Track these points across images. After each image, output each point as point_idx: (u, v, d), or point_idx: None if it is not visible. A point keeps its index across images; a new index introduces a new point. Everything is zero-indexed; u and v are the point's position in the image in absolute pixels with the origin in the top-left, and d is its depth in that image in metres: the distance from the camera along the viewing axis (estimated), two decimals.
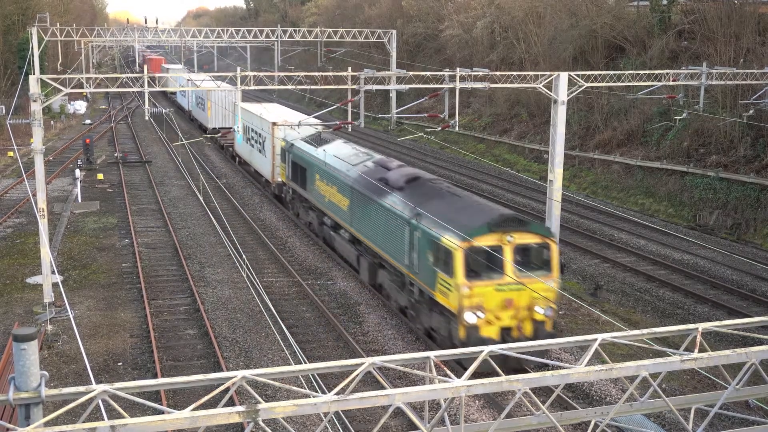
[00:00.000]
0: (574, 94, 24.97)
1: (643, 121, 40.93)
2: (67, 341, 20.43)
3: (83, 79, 23.18)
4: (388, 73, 26.74)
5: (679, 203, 35.68)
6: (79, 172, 40.35)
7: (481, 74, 25.68)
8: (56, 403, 6.47)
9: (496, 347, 7.47)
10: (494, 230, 17.76)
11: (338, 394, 6.59)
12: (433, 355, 7.28)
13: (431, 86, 25.97)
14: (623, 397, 7.57)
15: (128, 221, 33.53)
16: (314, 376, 16.90)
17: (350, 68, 27.97)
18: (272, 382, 6.79)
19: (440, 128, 27.95)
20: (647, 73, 27.99)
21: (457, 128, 27.00)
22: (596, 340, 7.59)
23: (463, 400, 7.27)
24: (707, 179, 34.50)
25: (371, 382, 15.56)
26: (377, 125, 65.89)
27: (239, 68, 37.51)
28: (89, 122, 68.85)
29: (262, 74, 26.12)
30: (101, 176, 43.28)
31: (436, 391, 6.81)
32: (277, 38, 71.15)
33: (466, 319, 17.50)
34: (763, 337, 8.29)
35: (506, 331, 17.86)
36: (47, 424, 6.14)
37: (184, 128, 55.54)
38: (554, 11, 52.17)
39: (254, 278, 22.10)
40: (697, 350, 7.55)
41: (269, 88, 27.24)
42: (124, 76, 26.68)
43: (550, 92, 24.55)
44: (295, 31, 71.06)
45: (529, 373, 8.50)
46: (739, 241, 31.44)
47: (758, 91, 30.47)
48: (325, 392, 7.62)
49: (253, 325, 21.78)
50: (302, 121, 30.58)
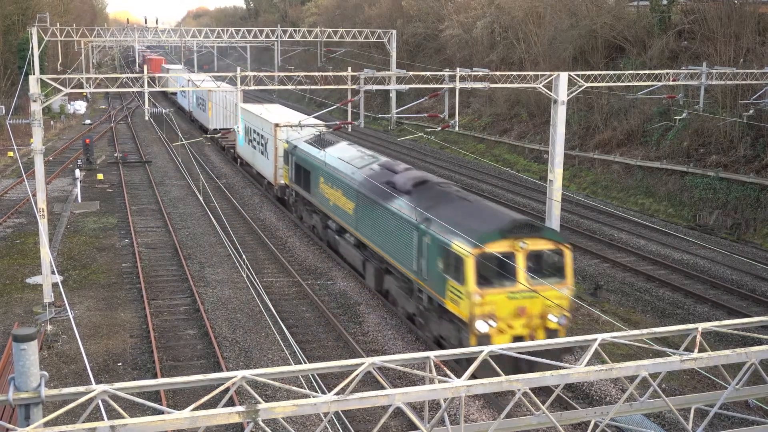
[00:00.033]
0: (574, 94, 24.98)
1: (643, 121, 40.94)
2: (66, 341, 20.43)
3: (83, 79, 23.18)
4: (388, 73, 26.74)
5: (679, 203, 35.68)
6: (78, 172, 40.34)
7: (481, 74, 25.69)
8: (56, 403, 6.47)
9: (496, 347, 7.47)
10: (506, 236, 17.28)
11: (338, 394, 6.59)
12: (433, 355, 7.28)
13: (431, 86, 25.98)
14: (623, 397, 7.57)
15: (128, 221, 33.53)
16: (314, 376, 16.90)
17: (350, 68, 27.97)
18: (272, 382, 6.79)
19: (440, 128, 27.96)
20: (647, 73, 27.99)
21: (457, 128, 27.00)
22: (596, 340, 7.59)
23: (463, 400, 7.27)
24: (707, 179, 34.51)
25: (371, 382, 15.56)
26: (377, 125, 65.89)
27: (239, 68, 37.54)
28: (89, 122, 68.84)
29: (262, 74, 26.12)
30: (101, 176, 43.28)
31: (436, 391, 6.81)
32: (277, 38, 71.16)
33: (477, 327, 17.02)
34: (762, 337, 8.29)
35: (519, 340, 17.30)
36: (47, 424, 6.14)
37: (184, 128, 55.53)
38: (554, 11, 52.17)
39: (254, 278, 22.09)
40: (696, 350, 7.55)
41: (269, 88, 27.23)
42: (124, 76, 26.67)
43: (550, 92, 24.55)
44: (295, 31, 71.06)
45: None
46: (739, 241, 31.44)
47: (758, 91, 30.48)
48: (325, 392, 7.62)
49: (253, 325, 21.78)
50: (306, 122, 30.20)
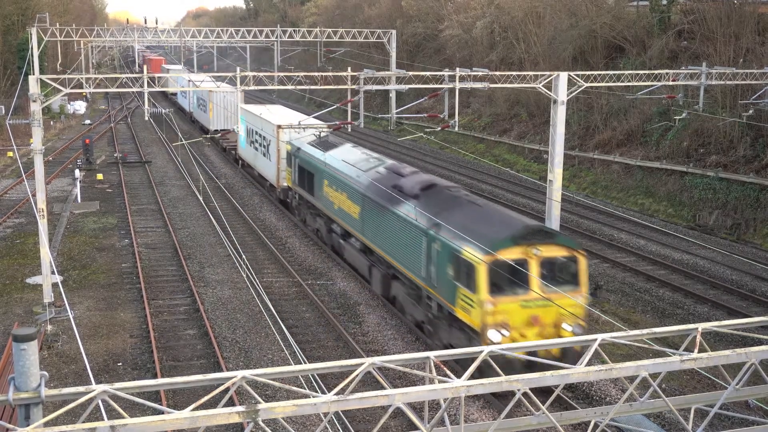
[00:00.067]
0: (573, 94, 24.99)
1: (642, 121, 40.94)
2: (66, 341, 20.43)
3: (83, 79, 23.18)
4: (387, 73, 26.74)
5: (678, 203, 35.68)
6: (78, 172, 40.33)
7: (480, 74, 25.69)
8: (56, 403, 6.47)
9: (496, 347, 7.47)
10: (519, 243, 16.80)
11: (338, 394, 6.59)
12: (432, 355, 7.28)
13: (431, 86, 25.98)
14: (623, 397, 7.57)
15: (128, 221, 33.53)
16: (314, 376, 16.89)
17: (350, 68, 27.97)
18: (272, 382, 6.79)
19: (440, 128, 27.97)
20: (647, 73, 28.00)
21: (456, 128, 27.01)
22: (596, 340, 7.59)
23: (462, 400, 7.27)
24: (707, 179, 34.50)
25: (371, 382, 15.55)
26: (377, 125, 65.89)
27: (239, 68, 37.52)
28: (89, 122, 68.84)
29: (261, 74, 26.12)
30: (101, 176, 43.28)
31: (435, 391, 6.81)
32: (276, 38, 71.15)
33: (489, 337, 16.46)
34: (762, 337, 8.29)
35: (532, 354, 17.01)
36: (47, 424, 6.14)
37: (183, 128, 55.53)
38: (554, 11, 52.18)
39: (254, 278, 22.09)
40: (696, 350, 7.55)
41: (269, 88, 27.22)
42: (123, 76, 26.66)
43: (549, 92, 24.55)
44: (294, 31, 71.06)
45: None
46: (738, 241, 31.44)
47: (758, 91, 30.49)
48: (325, 392, 7.62)
49: (252, 325, 21.78)
50: (309, 124, 29.80)
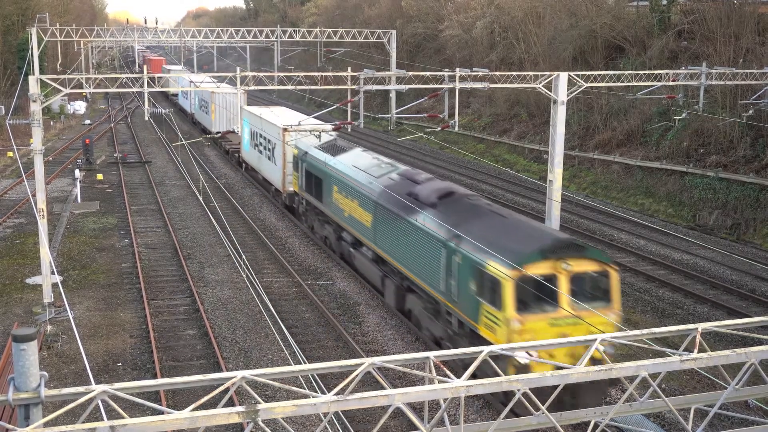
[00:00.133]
0: (573, 94, 24.99)
1: (642, 121, 40.95)
2: (66, 341, 20.43)
3: (83, 79, 23.19)
4: (387, 73, 26.75)
5: (678, 203, 35.69)
6: (78, 172, 40.34)
7: (480, 74, 25.69)
8: (56, 403, 6.46)
9: (495, 347, 7.48)
10: (548, 257, 15.85)
11: (338, 394, 6.59)
12: (432, 355, 7.28)
13: (431, 86, 25.99)
14: (623, 397, 7.57)
15: (128, 221, 33.53)
16: (314, 376, 16.89)
17: (350, 68, 27.98)
18: (272, 382, 6.79)
19: (440, 128, 27.96)
20: (647, 73, 28.01)
21: (456, 128, 27.01)
22: (596, 340, 7.59)
23: (462, 400, 7.27)
24: (707, 179, 34.51)
25: (371, 382, 15.55)
26: (377, 125, 65.90)
27: (239, 68, 37.49)
28: (89, 122, 68.87)
29: (261, 74, 26.12)
30: (101, 176, 43.28)
31: (435, 391, 6.81)
32: (276, 38, 71.16)
33: (516, 357, 15.63)
34: (762, 337, 8.29)
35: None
36: (47, 424, 6.14)
37: (183, 128, 55.52)
38: (554, 11, 52.18)
39: (254, 278, 22.09)
40: (696, 350, 7.55)
41: (269, 88, 27.22)
42: (123, 76, 26.66)
43: (549, 92, 24.55)
44: (294, 31, 71.08)
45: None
46: (738, 241, 31.45)
47: (758, 91, 30.50)
48: (324, 392, 7.62)
49: (252, 325, 21.78)
50: (316, 127, 29.34)
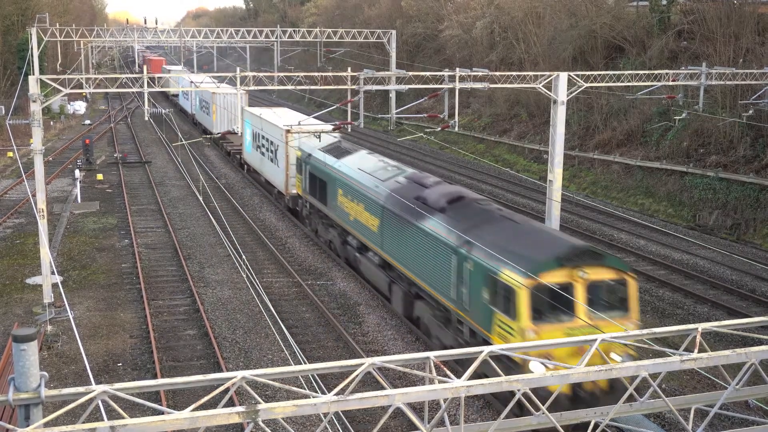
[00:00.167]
0: (573, 94, 24.99)
1: (642, 121, 40.95)
2: (66, 342, 20.43)
3: (83, 79, 23.19)
4: (387, 73, 26.75)
5: (678, 203, 35.69)
6: (78, 172, 40.34)
7: (480, 74, 25.69)
8: (56, 403, 6.46)
9: (496, 347, 7.48)
10: (564, 265, 15.41)
11: (338, 394, 6.59)
12: (432, 355, 7.28)
13: (431, 86, 25.99)
14: (623, 397, 7.57)
15: (128, 222, 33.53)
16: (314, 376, 16.89)
17: (350, 68, 27.98)
18: (272, 382, 6.79)
19: (440, 128, 27.96)
20: (647, 73, 28.01)
21: (456, 128, 27.01)
22: (596, 340, 7.59)
23: (462, 400, 7.26)
24: (707, 179, 34.51)
25: (371, 382, 15.55)
26: (377, 125, 65.91)
27: (239, 69, 37.48)
28: (89, 123, 68.87)
29: (261, 75, 26.12)
30: (101, 177, 43.28)
31: (436, 391, 6.80)
32: (276, 38, 71.17)
33: (531, 368, 14.69)
34: (762, 337, 8.29)
35: (578, 383, 15.26)
36: (47, 424, 6.14)
37: (183, 129, 55.52)
38: (554, 11, 52.19)
39: (254, 278, 22.09)
40: (696, 350, 7.55)
41: (269, 88, 27.22)
42: (123, 76, 26.66)
43: (549, 92, 24.55)
44: (294, 31, 71.09)
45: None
46: (738, 241, 31.45)
47: (758, 91, 30.50)
48: (325, 392, 7.62)
49: (252, 325, 21.78)
50: (321, 129, 29.01)
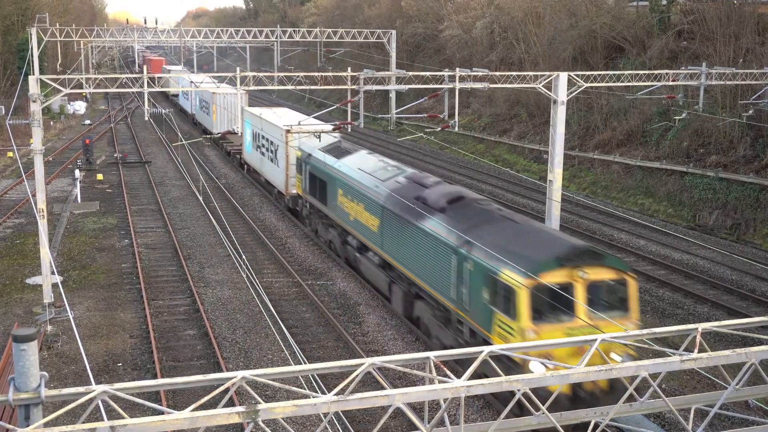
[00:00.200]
0: (573, 94, 24.99)
1: (642, 121, 40.95)
2: (66, 342, 20.43)
3: (83, 79, 23.19)
4: (387, 73, 26.75)
5: (678, 203, 35.69)
6: (78, 172, 40.34)
7: (480, 74, 25.69)
8: (56, 403, 6.46)
9: (496, 347, 7.48)
10: (564, 265, 15.41)
11: (338, 394, 6.59)
12: (432, 355, 7.28)
13: (431, 86, 25.99)
14: (623, 397, 7.57)
15: (128, 222, 33.53)
16: (314, 376, 16.89)
17: (350, 68, 27.97)
18: (272, 382, 6.79)
19: (440, 128, 27.96)
20: (647, 73, 28.01)
21: (456, 128, 27.02)
22: (596, 340, 7.59)
23: (462, 400, 7.26)
24: (707, 179, 34.51)
25: (371, 382, 15.55)
26: (377, 125, 65.91)
27: (239, 69, 37.47)
28: (89, 123, 68.87)
29: (261, 75, 26.12)
30: (101, 177, 43.28)
31: (436, 391, 6.80)
32: (276, 38, 71.18)
33: (531, 369, 14.71)
34: (762, 337, 8.29)
35: (578, 383, 15.12)
36: (47, 424, 6.14)
37: (183, 129, 55.52)
38: (554, 11, 52.19)
39: (254, 278, 22.09)
40: (696, 350, 7.55)
41: (269, 88, 27.22)
42: (123, 76, 26.67)
43: (549, 92, 24.55)
44: (294, 31, 71.09)
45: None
46: (738, 241, 31.45)
47: (758, 91, 30.49)
48: (325, 392, 7.62)
49: (252, 325, 21.78)
50: (321, 129, 29.00)
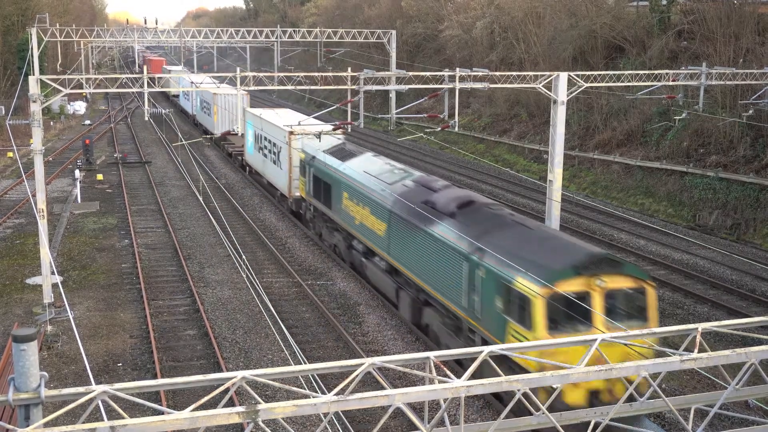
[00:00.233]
0: (573, 94, 24.99)
1: (642, 121, 40.95)
2: (66, 342, 20.43)
3: (83, 79, 23.19)
4: (387, 73, 26.75)
5: (678, 203, 35.69)
6: (78, 172, 40.34)
7: (480, 74, 25.69)
8: (56, 403, 6.47)
9: (496, 347, 7.48)
10: (582, 273, 14.92)
11: (338, 394, 6.59)
12: (432, 355, 7.28)
13: (431, 86, 25.99)
14: (623, 397, 7.57)
15: (128, 222, 33.53)
16: (314, 376, 16.89)
17: (350, 69, 27.97)
18: (272, 382, 6.79)
19: (440, 128, 27.95)
20: (647, 73, 28.01)
21: (456, 128, 27.01)
22: (596, 340, 7.59)
23: (462, 400, 7.26)
24: (707, 179, 34.51)
25: (371, 382, 15.55)
26: (377, 125, 65.92)
27: (239, 69, 37.47)
28: (89, 123, 68.87)
29: (261, 75, 26.12)
30: (101, 177, 43.28)
31: (436, 391, 6.80)
32: (276, 39, 71.17)
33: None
34: (762, 337, 8.29)
35: (595, 394, 14.57)
36: (47, 424, 6.14)
37: (183, 129, 55.52)
38: (554, 11, 52.19)
39: (254, 279, 22.09)
40: (696, 350, 7.55)
41: (269, 88, 27.22)
42: (123, 76, 26.67)
43: (549, 92, 24.55)
44: (294, 31, 71.09)
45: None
46: (738, 241, 31.45)
47: (758, 91, 30.49)
48: (325, 392, 7.62)
49: (252, 325, 21.78)
50: (326, 131, 28.93)
